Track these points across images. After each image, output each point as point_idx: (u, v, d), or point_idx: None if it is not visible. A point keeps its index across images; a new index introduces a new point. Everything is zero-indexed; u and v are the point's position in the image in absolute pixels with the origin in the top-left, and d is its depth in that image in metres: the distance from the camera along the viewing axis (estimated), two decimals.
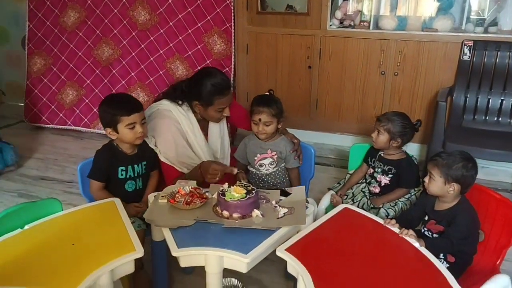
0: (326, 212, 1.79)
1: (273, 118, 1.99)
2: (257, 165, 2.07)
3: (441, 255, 1.60)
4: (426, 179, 1.63)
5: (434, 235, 1.63)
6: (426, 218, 1.68)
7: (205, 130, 2.15)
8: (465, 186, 1.59)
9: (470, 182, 1.59)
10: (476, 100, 2.96)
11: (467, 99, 2.99)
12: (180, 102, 2.08)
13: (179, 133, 2.04)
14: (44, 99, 4.11)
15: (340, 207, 1.67)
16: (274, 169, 2.07)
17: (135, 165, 1.89)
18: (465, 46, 2.98)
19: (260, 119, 1.98)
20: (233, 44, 3.64)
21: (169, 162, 1.99)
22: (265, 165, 2.06)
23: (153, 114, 2.07)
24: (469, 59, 2.99)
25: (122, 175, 1.86)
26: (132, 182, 1.89)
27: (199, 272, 1.98)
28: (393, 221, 1.53)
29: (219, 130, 2.21)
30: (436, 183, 1.60)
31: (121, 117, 1.78)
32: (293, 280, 1.64)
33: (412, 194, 1.98)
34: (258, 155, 2.05)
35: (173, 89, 2.15)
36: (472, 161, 1.59)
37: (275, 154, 2.05)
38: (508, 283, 1.50)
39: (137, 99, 1.91)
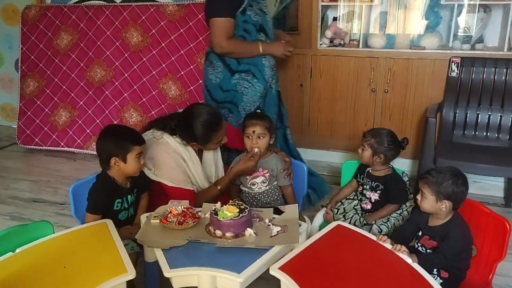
0: (320, 229, 1.79)
1: (266, 131, 2.01)
2: (249, 184, 2.07)
3: (435, 271, 1.60)
4: (418, 197, 1.64)
5: (428, 250, 1.63)
6: (420, 233, 1.68)
7: (199, 156, 2.15)
8: (457, 202, 1.59)
9: (461, 198, 1.60)
10: (465, 116, 3.00)
11: (456, 114, 3.03)
12: (174, 136, 2.05)
13: (178, 157, 2.02)
14: (37, 121, 4.11)
15: (333, 224, 1.67)
16: (267, 188, 2.08)
17: (129, 195, 1.89)
18: (453, 63, 3.04)
19: (254, 131, 2.00)
20: None
21: (176, 186, 1.95)
22: (257, 183, 2.06)
23: (148, 142, 1.99)
24: (457, 76, 3.04)
25: (117, 206, 1.85)
26: (125, 212, 1.89)
27: None
28: (385, 237, 1.54)
29: (212, 155, 2.20)
30: (428, 201, 1.60)
31: (133, 146, 1.78)
32: None
33: (404, 209, 1.99)
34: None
35: (163, 124, 2.08)
36: (462, 177, 1.60)
37: (267, 172, 2.06)
38: None
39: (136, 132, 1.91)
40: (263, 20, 2.52)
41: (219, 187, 2.05)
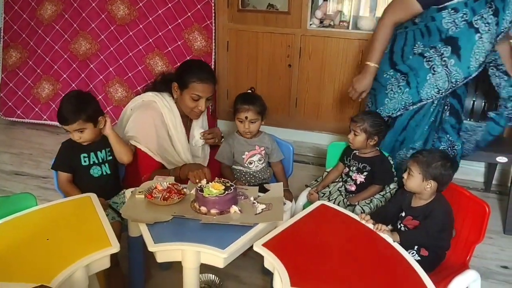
0: (303, 209, 1.81)
1: (258, 116, 2.04)
2: (246, 162, 2.09)
3: (415, 248, 1.64)
4: (405, 175, 1.68)
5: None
6: (403, 214, 1.72)
7: (188, 128, 2.14)
8: (442, 184, 1.64)
9: (446, 181, 1.64)
10: (473, 103, 2.98)
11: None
12: (163, 91, 2.07)
13: (161, 125, 2.02)
14: (19, 93, 4.02)
15: (316, 204, 1.69)
16: (263, 165, 2.12)
17: (98, 152, 1.91)
18: None
19: (246, 117, 2.01)
20: (213, 41, 3.64)
21: (149, 152, 1.96)
22: (254, 161, 2.10)
23: (136, 105, 2.05)
24: None
25: (85, 161, 1.88)
26: (97, 168, 1.90)
27: (176, 268, 1.98)
28: (368, 217, 1.56)
29: (202, 130, 2.19)
30: (414, 179, 1.65)
31: (62, 124, 1.84)
32: (270, 275, 1.66)
33: (387, 191, 2.02)
34: (246, 153, 2.08)
35: (155, 80, 2.14)
36: (451, 161, 1.65)
37: (263, 150, 2.10)
38: (476, 277, 1.55)
39: (77, 108, 1.82)
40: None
41: (169, 173, 1.96)
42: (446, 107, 2.20)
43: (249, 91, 2.14)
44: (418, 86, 2.14)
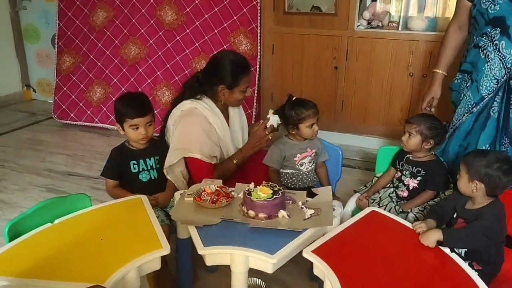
0: (352, 215, 1.76)
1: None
2: (298, 164, 2.09)
3: (467, 263, 1.55)
4: (458, 176, 1.60)
5: None
6: (455, 216, 1.63)
7: (227, 120, 2.14)
8: (491, 186, 1.51)
9: (497, 183, 1.50)
10: None
11: None
12: (199, 97, 2.04)
13: (210, 128, 2.02)
14: (73, 96, 4.20)
15: (367, 210, 1.64)
16: (312, 166, 2.12)
17: (147, 159, 1.96)
18: None
19: (317, 119, 2.05)
20: (258, 44, 3.64)
21: (205, 159, 1.95)
22: (305, 163, 2.09)
23: (177, 118, 2.02)
24: None
25: (134, 168, 1.94)
26: (146, 173, 1.96)
27: (223, 270, 2.00)
28: (422, 224, 1.49)
29: (239, 120, 2.21)
30: (462, 180, 1.57)
31: (126, 118, 1.87)
32: (317, 281, 1.63)
33: (442, 198, 1.93)
34: (298, 155, 2.07)
35: (189, 86, 2.10)
36: (503, 162, 1.51)
37: (314, 152, 2.10)
38: None
39: (147, 102, 1.94)
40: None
41: (235, 161, 2.06)
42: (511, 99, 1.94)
43: (294, 98, 2.10)
44: (477, 82, 1.97)
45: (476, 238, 1.47)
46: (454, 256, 1.38)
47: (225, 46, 3.66)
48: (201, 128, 1.98)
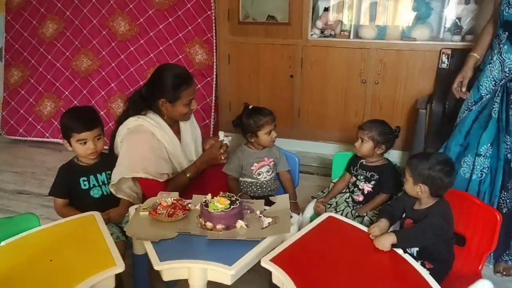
0: (311, 221, 1.78)
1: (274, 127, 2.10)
2: (255, 174, 2.08)
3: (419, 261, 1.59)
4: (404, 179, 1.66)
5: None
6: (404, 216, 1.68)
7: (177, 134, 2.08)
8: (434, 187, 1.56)
9: (439, 184, 1.56)
10: (454, 107, 2.99)
11: (446, 106, 3.02)
12: (144, 113, 1.98)
13: (155, 144, 1.95)
14: (22, 111, 4.03)
15: (324, 216, 1.66)
16: (271, 176, 2.11)
17: (98, 175, 1.89)
18: (443, 55, 3.04)
19: (274, 125, 2.06)
20: (214, 54, 3.64)
21: (151, 177, 1.89)
22: (263, 173, 2.09)
23: (123, 136, 1.95)
24: (447, 67, 3.04)
25: (85, 185, 1.87)
26: (98, 189, 1.89)
27: (183, 285, 1.95)
28: (376, 229, 1.52)
29: (191, 133, 2.16)
30: (407, 183, 1.62)
31: (73, 132, 1.80)
32: None
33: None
34: (256, 164, 2.07)
35: (132, 101, 2.03)
36: (444, 164, 1.57)
37: (272, 161, 2.10)
38: (489, 287, 1.51)
39: (95, 115, 1.87)
40: None
41: (188, 175, 2.03)
42: (510, 101, 2.00)
43: (251, 106, 2.10)
44: (479, 81, 2.06)
45: (426, 237, 1.51)
46: (407, 257, 1.42)
47: (180, 56, 3.63)
48: (147, 146, 1.92)
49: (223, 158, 2.06)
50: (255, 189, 2.10)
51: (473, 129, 2.10)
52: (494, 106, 2.03)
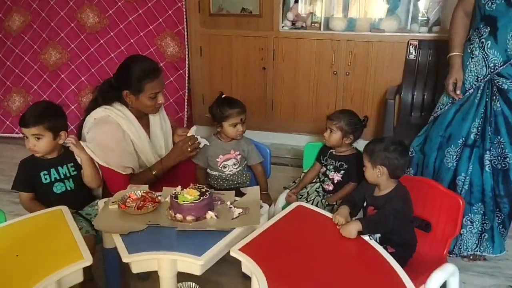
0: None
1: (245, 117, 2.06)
2: (220, 167, 2.06)
3: (382, 246, 1.64)
4: (364, 168, 1.68)
5: None
6: (365, 204, 1.72)
7: (146, 127, 2.05)
8: (392, 168, 1.61)
9: (396, 165, 1.60)
10: (422, 97, 3.08)
11: (414, 96, 3.10)
12: (111, 103, 1.95)
13: (121, 136, 1.92)
14: None
15: (293, 205, 1.68)
16: (238, 169, 2.09)
17: (59, 167, 1.84)
18: (411, 46, 3.10)
19: (241, 119, 2.02)
20: (186, 46, 3.61)
21: (111, 167, 1.87)
22: (228, 166, 2.07)
23: (90, 126, 1.92)
24: (415, 58, 3.11)
25: (46, 179, 1.82)
26: (61, 184, 1.84)
27: (154, 277, 1.94)
28: (340, 218, 1.54)
29: (160, 126, 2.12)
30: (367, 170, 1.66)
31: (21, 127, 1.78)
32: (250, 279, 1.64)
33: None
34: (221, 156, 2.06)
35: (102, 88, 2.00)
36: (397, 144, 1.63)
37: (239, 154, 2.07)
38: (454, 271, 1.57)
39: (43, 113, 1.79)
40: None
41: (154, 172, 1.97)
42: (495, 94, 1.99)
43: (224, 96, 2.11)
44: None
45: (389, 221, 1.56)
46: (372, 242, 1.46)
47: (151, 49, 3.60)
48: (112, 137, 1.89)
49: (190, 150, 1.97)
50: (221, 182, 2.09)
51: (454, 121, 2.13)
52: (476, 101, 2.04)
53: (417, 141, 2.31)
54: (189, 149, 1.97)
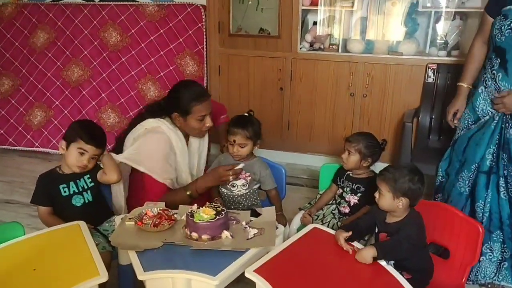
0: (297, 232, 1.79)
1: (248, 140, 1.99)
2: (229, 185, 2.05)
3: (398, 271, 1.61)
4: (376, 195, 1.65)
5: None
6: (377, 230, 1.69)
7: (187, 143, 2.15)
8: (413, 199, 1.60)
9: (417, 195, 1.59)
10: (440, 121, 3.05)
11: (432, 120, 3.07)
12: (163, 117, 2.07)
13: (168, 148, 2.01)
14: (12, 120, 4.01)
15: (309, 227, 1.67)
16: (246, 191, 2.06)
17: (77, 180, 1.88)
18: (429, 69, 3.09)
19: (234, 140, 1.98)
20: (205, 65, 3.67)
21: (155, 175, 1.96)
22: (237, 186, 2.04)
23: (140, 133, 2.03)
24: (433, 82, 3.09)
25: (65, 192, 1.85)
26: (79, 197, 1.87)
27: None
28: (349, 246, 1.53)
29: (198, 145, 2.20)
30: (385, 198, 1.61)
31: (79, 139, 1.81)
32: None
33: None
34: None
35: (151, 106, 2.15)
36: (419, 174, 1.61)
37: (249, 176, 2.04)
38: None
39: (105, 139, 1.90)
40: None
41: (188, 192, 2.00)
42: (508, 121, 1.99)
43: (246, 114, 2.09)
44: (473, 103, 2.09)
45: (404, 248, 1.53)
46: (389, 268, 1.44)
47: (171, 68, 3.66)
48: (160, 146, 1.99)
49: (231, 179, 1.97)
50: (228, 204, 2.05)
51: (468, 146, 2.12)
52: (492, 126, 2.03)
53: (444, 165, 2.30)
54: (230, 179, 1.98)
